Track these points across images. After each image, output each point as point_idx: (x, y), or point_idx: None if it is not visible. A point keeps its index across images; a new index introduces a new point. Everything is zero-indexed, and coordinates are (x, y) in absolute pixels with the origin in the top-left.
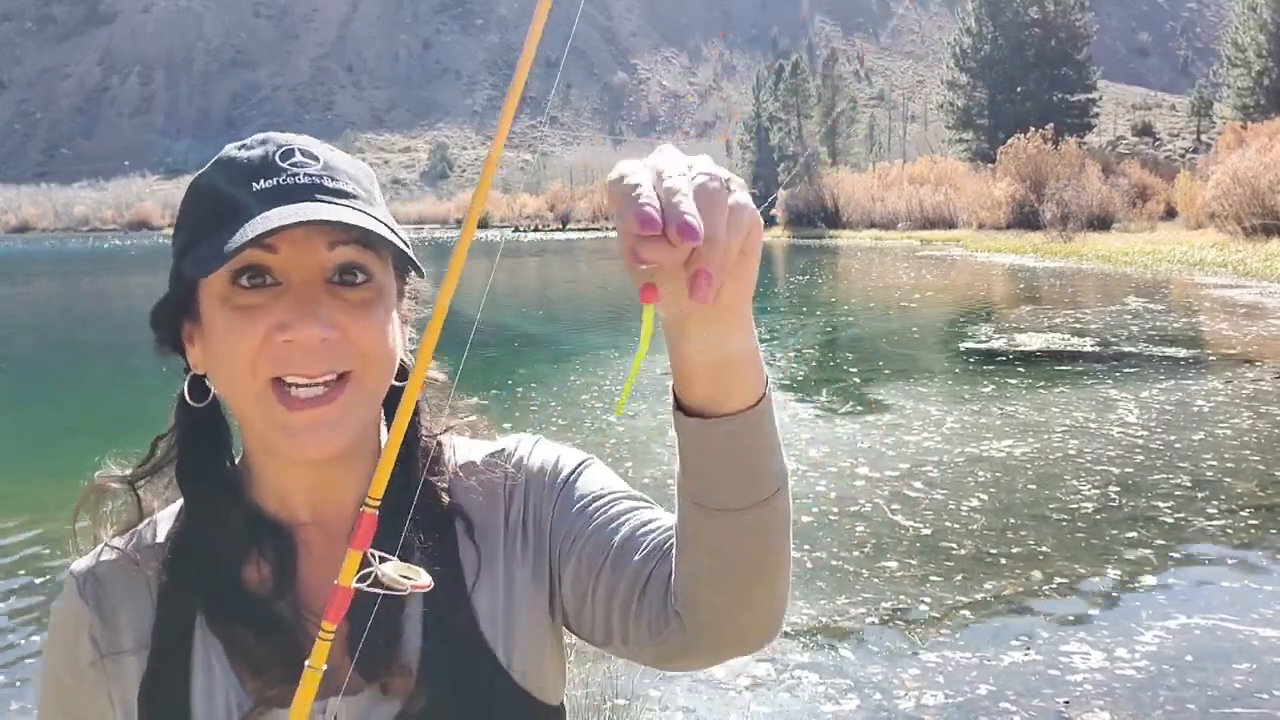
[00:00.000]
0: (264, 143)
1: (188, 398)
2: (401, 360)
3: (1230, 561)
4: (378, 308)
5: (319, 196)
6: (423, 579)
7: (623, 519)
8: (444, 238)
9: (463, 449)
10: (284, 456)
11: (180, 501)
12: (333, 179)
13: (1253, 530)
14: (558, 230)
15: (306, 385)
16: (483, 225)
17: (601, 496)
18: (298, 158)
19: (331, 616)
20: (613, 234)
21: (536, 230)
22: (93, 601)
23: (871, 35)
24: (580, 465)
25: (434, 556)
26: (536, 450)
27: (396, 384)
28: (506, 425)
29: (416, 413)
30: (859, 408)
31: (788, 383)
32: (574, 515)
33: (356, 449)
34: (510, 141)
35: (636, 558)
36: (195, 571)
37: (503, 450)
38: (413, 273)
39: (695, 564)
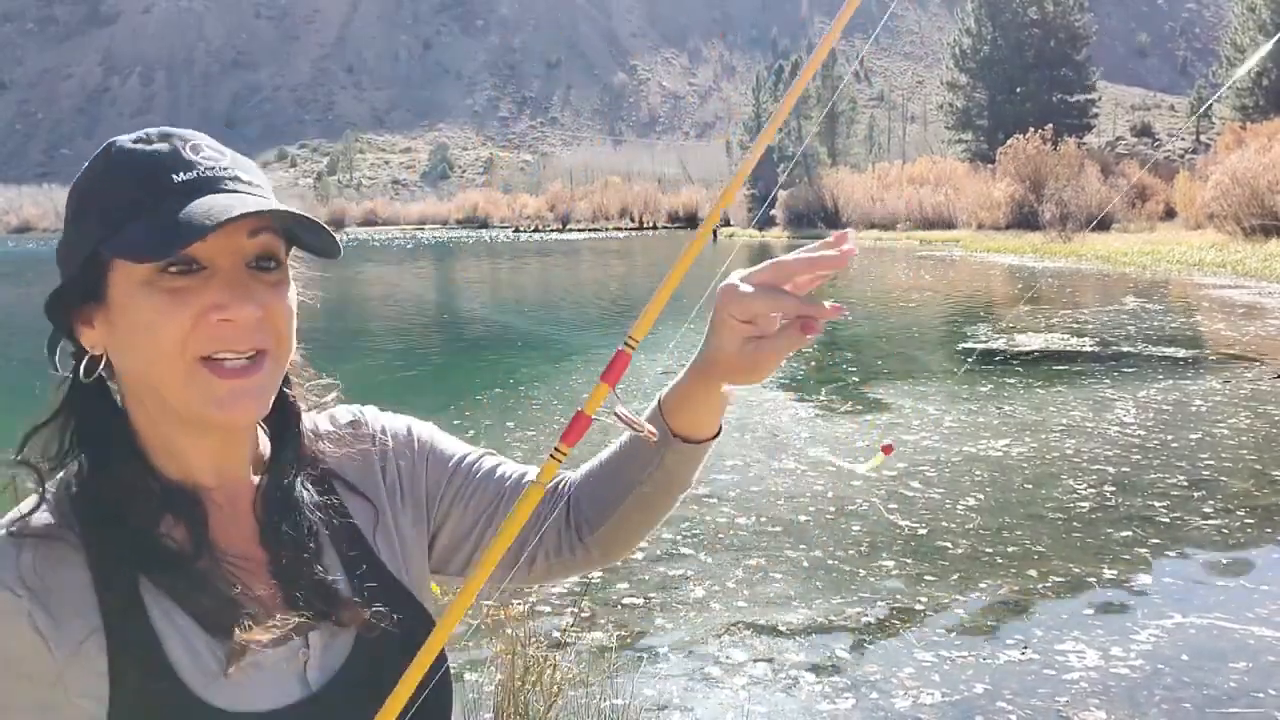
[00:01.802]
0: (166, 137)
1: (83, 377)
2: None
3: (1226, 561)
4: (287, 291)
5: (238, 189)
6: (647, 428)
7: (498, 471)
8: (446, 238)
9: (317, 420)
10: (208, 427)
11: (56, 482)
12: (244, 172)
13: (1249, 529)
14: (558, 231)
15: (234, 358)
16: (483, 225)
17: (467, 454)
18: (207, 152)
19: (569, 439)
20: (613, 234)
21: (537, 231)
22: (26, 592)
23: (871, 36)
24: (430, 429)
25: (327, 510)
26: (389, 420)
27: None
28: (510, 424)
29: (291, 387)
30: (857, 407)
31: (787, 382)
32: (451, 471)
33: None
34: (510, 142)
35: (565, 501)
36: (125, 541)
37: (356, 420)
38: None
39: (639, 520)
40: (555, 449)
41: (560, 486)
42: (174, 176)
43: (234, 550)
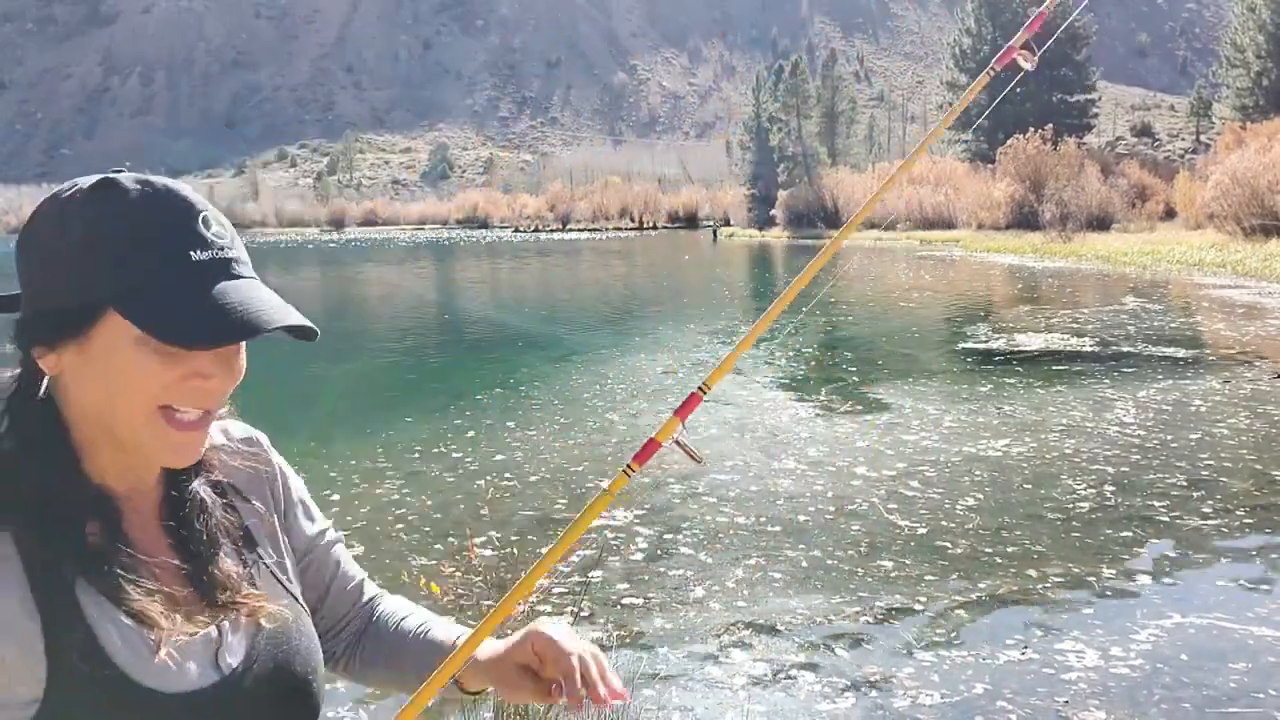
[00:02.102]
0: (174, 198)
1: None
2: None
3: (1226, 560)
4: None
5: (244, 273)
6: (701, 457)
7: (343, 565)
8: (446, 238)
9: (212, 432)
10: (151, 460)
11: None
12: (240, 248)
13: (1248, 529)
14: (558, 230)
15: (189, 413)
16: (483, 225)
17: (325, 530)
18: (215, 228)
19: (640, 460)
20: (611, 234)
21: (537, 231)
22: None
23: (871, 36)
24: (304, 490)
25: (224, 514)
26: (279, 457)
27: None
28: (510, 424)
29: None
30: (857, 407)
31: (787, 382)
32: (311, 538)
33: None
34: (510, 142)
35: (365, 624)
36: (58, 539)
37: (251, 438)
38: None
39: (387, 681)
40: (628, 466)
41: (373, 609)
42: (191, 254)
43: (145, 549)
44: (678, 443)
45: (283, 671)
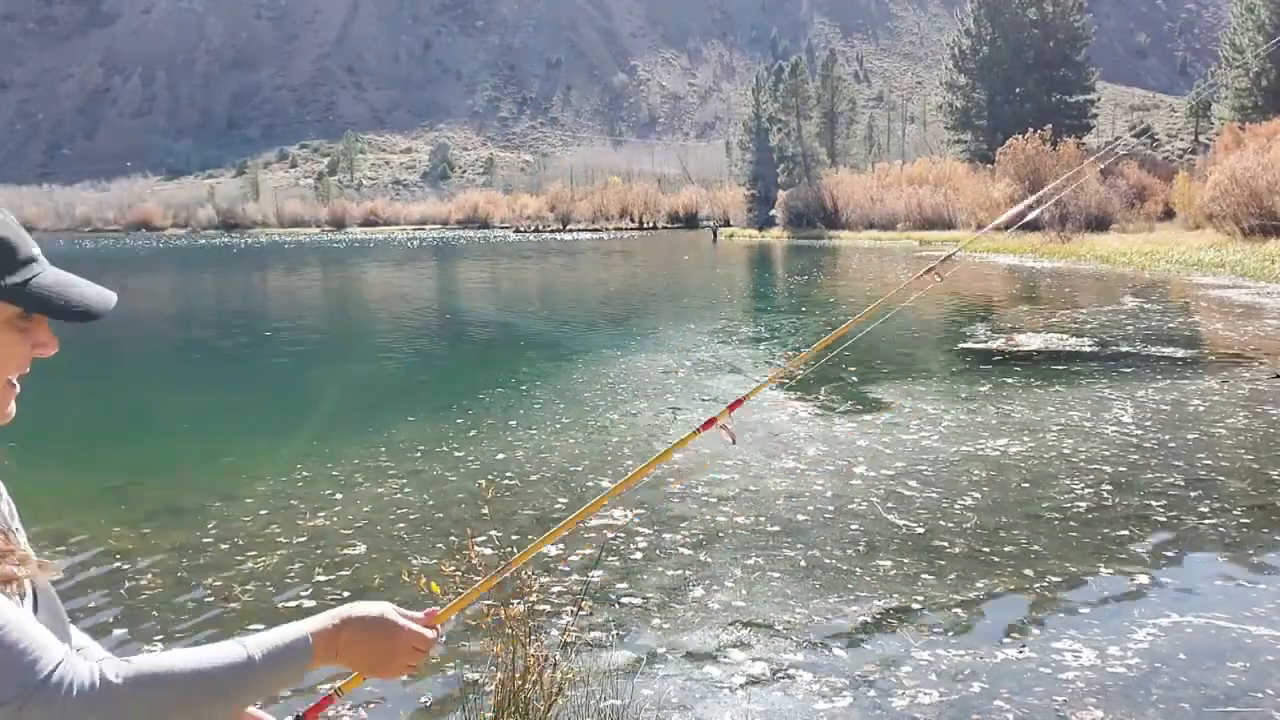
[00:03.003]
0: (6, 215)
1: None
2: None
3: (1223, 560)
4: None
5: (55, 268)
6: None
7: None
8: (449, 237)
9: None
10: None
11: None
12: None
13: (1246, 529)
14: (559, 231)
15: (16, 382)
16: (484, 226)
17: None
18: (33, 239)
19: (702, 431)
20: (612, 234)
21: (537, 231)
22: None
23: (871, 37)
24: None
25: None
26: None
27: None
28: (512, 423)
29: None
30: (856, 406)
31: (786, 381)
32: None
33: None
34: (510, 142)
35: None
36: None
37: None
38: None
39: None
40: (697, 430)
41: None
42: (33, 250)
43: None
44: (724, 427)
45: (63, 630)
